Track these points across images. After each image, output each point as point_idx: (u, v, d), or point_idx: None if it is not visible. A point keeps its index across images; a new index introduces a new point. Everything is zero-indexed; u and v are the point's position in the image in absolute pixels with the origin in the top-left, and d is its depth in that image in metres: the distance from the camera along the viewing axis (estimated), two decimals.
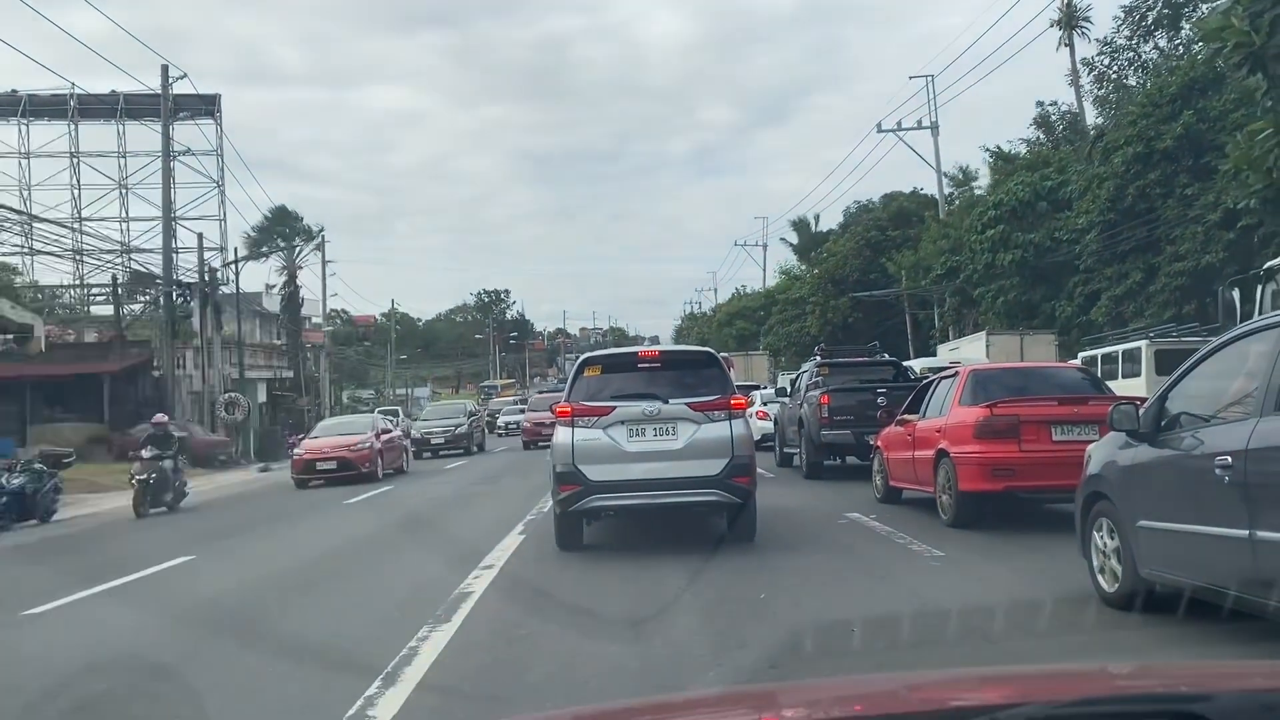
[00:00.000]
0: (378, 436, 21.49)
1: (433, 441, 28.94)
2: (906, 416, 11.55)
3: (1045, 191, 29.26)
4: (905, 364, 20.32)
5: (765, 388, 28.21)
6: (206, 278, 33.95)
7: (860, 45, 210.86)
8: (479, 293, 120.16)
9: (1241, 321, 12.70)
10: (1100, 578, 6.29)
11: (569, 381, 9.63)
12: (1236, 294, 12.37)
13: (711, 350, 10.60)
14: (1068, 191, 28.60)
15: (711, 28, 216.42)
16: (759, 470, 9.60)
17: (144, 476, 16.21)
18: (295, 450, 21.62)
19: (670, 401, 8.95)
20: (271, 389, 44.64)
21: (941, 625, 5.94)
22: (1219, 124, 22.13)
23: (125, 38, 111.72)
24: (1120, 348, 18.36)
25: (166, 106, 34.20)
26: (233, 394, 33.67)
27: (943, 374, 11.64)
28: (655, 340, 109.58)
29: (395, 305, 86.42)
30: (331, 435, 21.67)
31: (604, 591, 7.54)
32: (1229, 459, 5.00)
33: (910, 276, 40.03)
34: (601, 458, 8.80)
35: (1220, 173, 20.58)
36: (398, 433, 23.48)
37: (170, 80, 33.60)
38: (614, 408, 8.93)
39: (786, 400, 19.10)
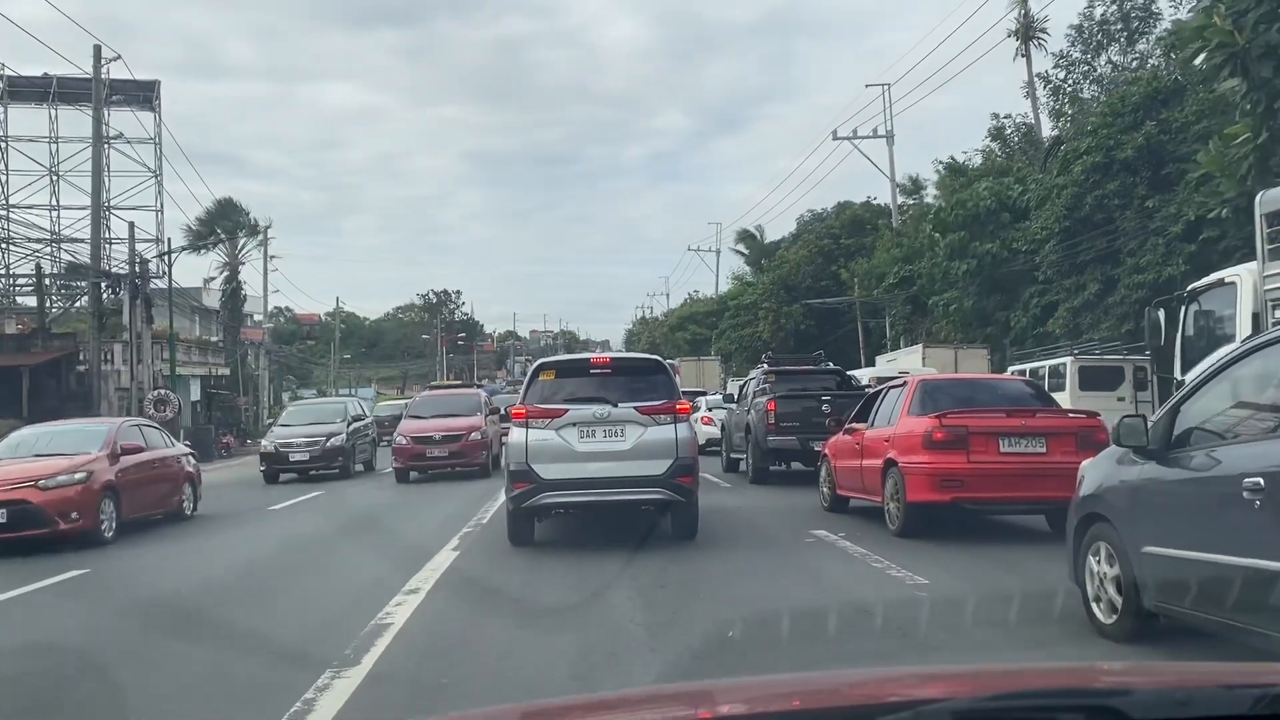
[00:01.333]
0: (112, 459, 12.13)
1: (292, 458, 20.82)
2: (855, 425, 11.55)
3: (1010, 201, 28.93)
4: (852, 373, 20.81)
5: (714, 394, 28.30)
6: (138, 269, 32.49)
7: (814, 57, 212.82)
8: (427, 293, 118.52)
9: (1165, 342, 12.44)
10: (1096, 608, 5.79)
11: (524, 385, 10.13)
12: (1161, 314, 12.44)
13: (659, 358, 11.23)
14: (1025, 200, 28.34)
15: (667, 35, 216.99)
16: (706, 476, 9.43)
17: None
18: None
19: (619, 405, 9.42)
20: (206, 386, 43.13)
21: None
22: (1180, 136, 21.90)
23: (65, 24, 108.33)
24: (1047, 363, 19.21)
25: (99, 89, 32.83)
26: (163, 390, 32.26)
27: (891, 383, 11.66)
28: (606, 344, 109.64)
29: (340, 303, 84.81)
30: (20, 459, 12.08)
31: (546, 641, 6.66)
32: (1260, 481, 4.46)
33: (863, 285, 39.82)
34: (554, 457, 9.32)
35: (1184, 183, 20.34)
36: (171, 452, 14.27)
37: (104, 62, 32.28)
38: (566, 410, 9.46)
39: (734, 406, 19.33)
